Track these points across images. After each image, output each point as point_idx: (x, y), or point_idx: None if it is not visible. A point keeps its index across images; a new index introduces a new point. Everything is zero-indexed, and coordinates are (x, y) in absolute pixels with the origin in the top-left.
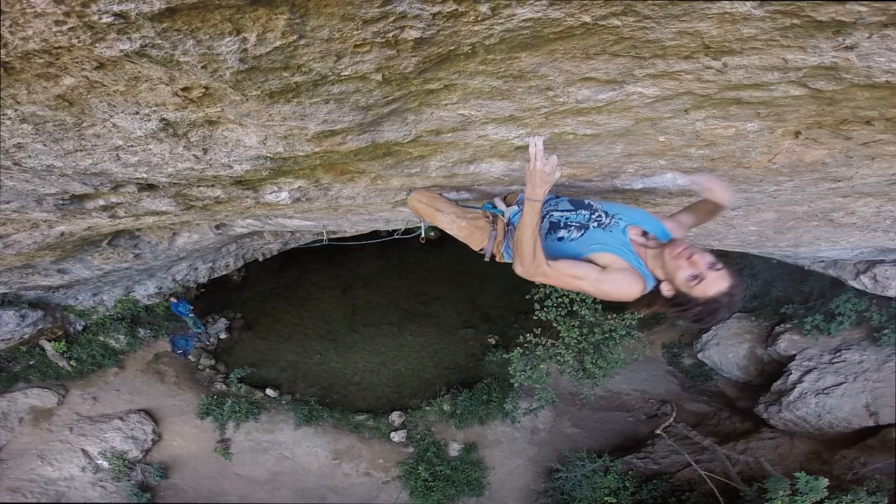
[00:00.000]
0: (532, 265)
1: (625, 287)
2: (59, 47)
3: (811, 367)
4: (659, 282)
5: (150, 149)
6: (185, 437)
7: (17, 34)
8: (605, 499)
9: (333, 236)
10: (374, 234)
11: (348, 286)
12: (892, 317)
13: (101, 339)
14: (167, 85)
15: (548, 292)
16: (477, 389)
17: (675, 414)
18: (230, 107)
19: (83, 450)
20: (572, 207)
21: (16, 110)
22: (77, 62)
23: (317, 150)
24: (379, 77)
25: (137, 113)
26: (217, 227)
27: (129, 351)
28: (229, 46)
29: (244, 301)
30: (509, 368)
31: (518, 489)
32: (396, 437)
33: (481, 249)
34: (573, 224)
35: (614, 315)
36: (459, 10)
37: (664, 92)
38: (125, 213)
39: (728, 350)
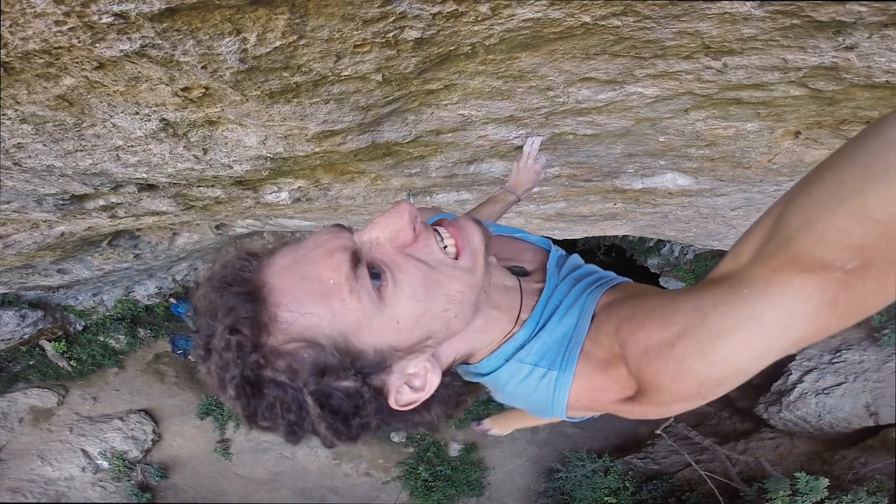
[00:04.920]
0: None
1: None
2: (59, 47)
3: (811, 368)
4: None
5: (150, 149)
6: (185, 437)
7: (17, 34)
8: (606, 499)
9: None
10: None
11: None
12: (892, 317)
13: (101, 339)
14: (167, 85)
15: None
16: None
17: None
18: (230, 107)
19: (83, 450)
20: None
21: (16, 110)
22: (77, 62)
23: (317, 150)
24: (379, 77)
25: (137, 113)
26: (217, 227)
27: (129, 351)
28: (229, 46)
29: None
30: None
31: (518, 489)
32: (396, 437)
33: None
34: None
35: None
36: (459, 10)
37: (664, 92)
38: (125, 213)
39: None
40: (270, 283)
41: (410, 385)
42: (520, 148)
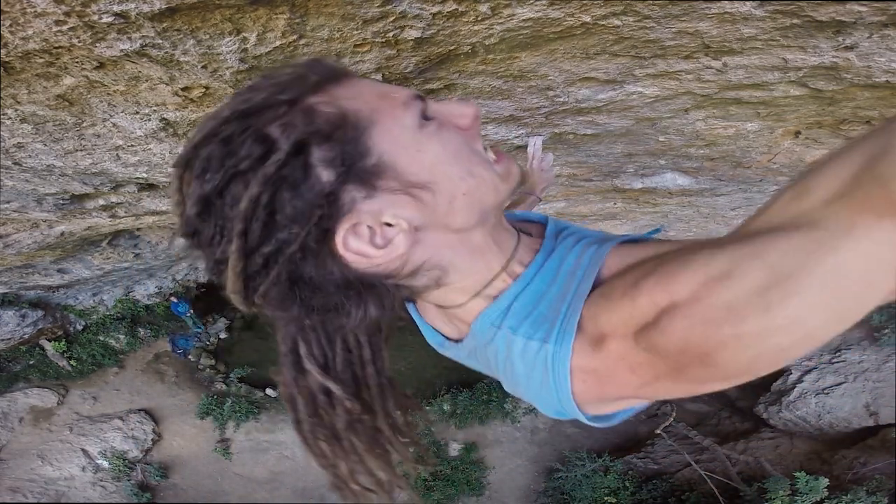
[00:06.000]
0: None
1: None
2: (60, 47)
3: (811, 367)
4: None
5: (150, 149)
6: (185, 437)
7: (18, 34)
8: (605, 499)
9: None
10: None
11: None
12: (892, 317)
13: (101, 339)
14: (167, 85)
15: None
16: (477, 389)
17: (675, 414)
18: None
19: (83, 450)
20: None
21: (16, 110)
22: (77, 62)
23: None
24: (379, 77)
25: (137, 113)
26: None
27: (129, 351)
28: (229, 46)
29: None
30: None
31: (518, 489)
32: None
33: None
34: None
35: None
36: (459, 9)
37: (664, 92)
38: (125, 212)
39: None
40: (348, 75)
41: (372, 236)
42: (520, 147)
